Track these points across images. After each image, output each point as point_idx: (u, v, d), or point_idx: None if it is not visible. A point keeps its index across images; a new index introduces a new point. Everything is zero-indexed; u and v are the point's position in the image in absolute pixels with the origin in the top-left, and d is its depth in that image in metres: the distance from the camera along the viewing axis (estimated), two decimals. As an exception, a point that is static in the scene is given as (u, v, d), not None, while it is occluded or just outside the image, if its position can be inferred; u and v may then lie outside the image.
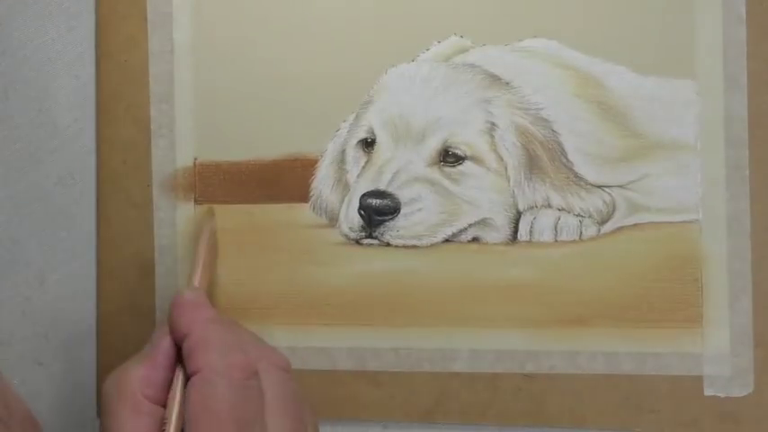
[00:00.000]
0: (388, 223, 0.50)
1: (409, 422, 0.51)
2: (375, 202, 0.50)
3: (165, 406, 0.43)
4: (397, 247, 0.51)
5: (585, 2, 0.49)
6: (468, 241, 0.50)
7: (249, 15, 0.52)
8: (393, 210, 0.50)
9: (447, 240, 0.50)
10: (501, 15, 0.50)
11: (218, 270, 0.52)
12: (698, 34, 0.48)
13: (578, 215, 0.50)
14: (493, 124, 0.50)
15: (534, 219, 0.50)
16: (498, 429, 0.50)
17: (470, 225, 0.50)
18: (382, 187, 0.51)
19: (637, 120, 0.49)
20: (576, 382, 0.49)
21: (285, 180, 0.52)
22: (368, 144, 0.52)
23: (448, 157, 0.51)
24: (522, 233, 0.50)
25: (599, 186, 0.50)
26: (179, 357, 0.44)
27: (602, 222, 0.49)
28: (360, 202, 0.51)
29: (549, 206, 0.50)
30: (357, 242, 0.51)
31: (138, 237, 0.53)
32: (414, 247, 0.51)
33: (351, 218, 0.51)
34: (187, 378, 0.43)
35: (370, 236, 0.51)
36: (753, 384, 0.48)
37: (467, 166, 0.50)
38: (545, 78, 0.50)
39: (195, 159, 0.53)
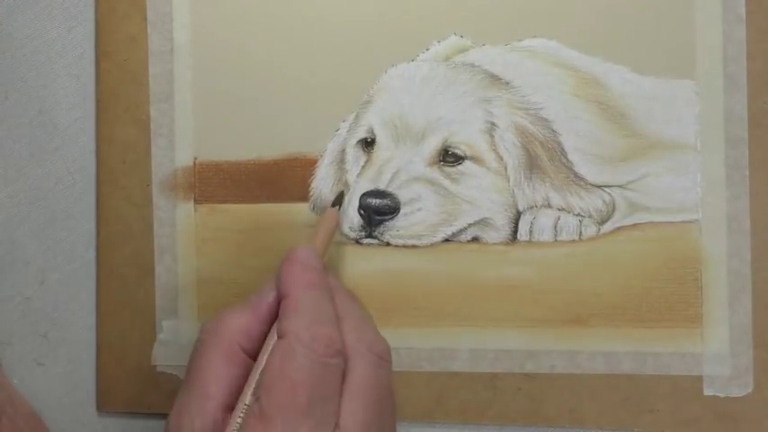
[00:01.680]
0: (387, 223, 0.50)
1: (409, 422, 0.51)
2: (375, 201, 0.50)
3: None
4: (396, 246, 0.51)
5: (585, 2, 0.49)
6: (468, 241, 0.50)
7: (249, 15, 0.52)
8: (393, 209, 0.50)
9: (447, 240, 0.50)
10: (501, 15, 0.50)
11: (217, 270, 0.52)
12: (698, 34, 0.48)
13: (578, 215, 0.50)
14: (493, 124, 0.50)
15: (534, 218, 0.50)
16: (498, 429, 0.50)
17: (470, 225, 0.50)
18: (382, 187, 0.51)
19: (636, 119, 0.49)
20: (576, 382, 0.49)
21: (285, 180, 0.52)
22: (368, 144, 0.52)
23: (448, 156, 0.51)
24: (522, 233, 0.50)
25: (599, 186, 0.50)
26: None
27: (602, 222, 0.49)
28: (359, 202, 0.51)
29: (549, 206, 0.50)
30: (357, 242, 0.51)
31: (137, 236, 0.53)
32: (413, 246, 0.50)
33: (350, 217, 0.51)
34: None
35: (369, 235, 0.51)
36: (752, 384, 0.48)
37: (466, 165, 0.50)
38: (545, 78, 0.50)
39: (195, 159, 0.53)
